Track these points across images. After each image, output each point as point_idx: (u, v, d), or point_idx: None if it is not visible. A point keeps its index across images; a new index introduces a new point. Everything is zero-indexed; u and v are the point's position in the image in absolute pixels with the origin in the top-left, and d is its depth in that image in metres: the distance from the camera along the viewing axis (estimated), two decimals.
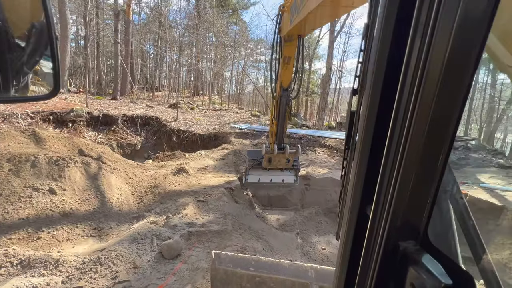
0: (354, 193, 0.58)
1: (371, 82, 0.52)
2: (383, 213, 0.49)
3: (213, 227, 4.77)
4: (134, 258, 3.74)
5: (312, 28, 4.74)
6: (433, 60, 0.40)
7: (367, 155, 0.55)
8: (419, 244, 0.47)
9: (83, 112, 11.50)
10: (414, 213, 0.47)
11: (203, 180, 7.57)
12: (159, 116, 13.30)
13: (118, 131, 11.90)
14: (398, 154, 0.46)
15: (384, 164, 0.49)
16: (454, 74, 0.40)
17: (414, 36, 0.44)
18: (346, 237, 0.61)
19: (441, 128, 0.43)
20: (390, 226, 0.48)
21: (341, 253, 0.63)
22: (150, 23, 29.02)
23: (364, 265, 0.55)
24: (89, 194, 5.35)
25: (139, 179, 6.81)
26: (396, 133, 0.47)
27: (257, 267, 2.33)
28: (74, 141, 7.44)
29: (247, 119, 16.00)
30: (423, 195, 0.46)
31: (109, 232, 4.76)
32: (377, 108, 0.52)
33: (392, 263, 0.48)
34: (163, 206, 5.80)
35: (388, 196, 0.48)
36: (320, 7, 2.54)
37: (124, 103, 15.64)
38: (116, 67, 17.39)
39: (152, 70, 29.46)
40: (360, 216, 0.58)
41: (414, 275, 0.43)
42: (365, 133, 0.55)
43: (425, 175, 0.45)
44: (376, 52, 0.52)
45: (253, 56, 34.02)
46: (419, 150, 0.44)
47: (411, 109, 0.43)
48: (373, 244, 0.52)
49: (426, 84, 0.41)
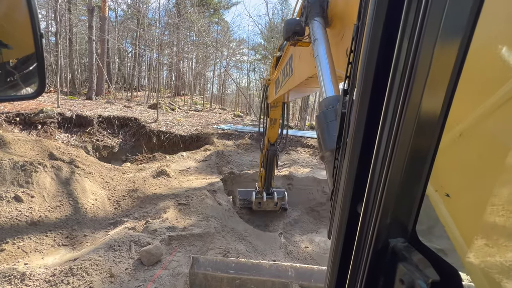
0: (345, 192, 0.59)
1: (361, 83, 0.53)
2: (373, 212, 0.50)
3: (195, 230, 4.67)
4: (110, 266, 3.55)
5: (295, 97, 5.00)
6: (421, 61, 0.41)
7: (358, 155, 0.56)
8: (408, 241, 0.48)
9: (54, 113, 10.81)
10: (403, 211, 0.48)
11: (185, 182, 7.40)
12: (138, 117, 12.84)
13: (93, 133, 11.32)
14: (387, 153, 0.47)
15: (374, 163, 0.50)
16: (441, 74, 0.41)
17: (402, 37, 0.44)
18: (337, 236, 0.62)
19: (428, 128, 0.44)
20: (380, 224, 0.49)
21: (333, 251, 0.64)
22: (128, 21, 27.94)
23: (356, 262, 0.56)
24: (60, 200, 5.02)
25: (117, 183, 6.51)
26: (385, 133, 0.48)
27: (237, 269, 2.30)
28: (44, 144, 6.96)
29: (230, 119, 15.89)
30: (412, 193, 0.47)
31: (83, 240, 4.49)
32: (367, 108, 0.53)
33: (382, 259, 0.50)
34: (142, 210, 5.58)
35: (378, 194, 0.49)
36: (298, 86, 2.78)
37: (100, 104, 14.92)
38: (91, 65, 16.53)
39: (131, 69, 28.36)
40: (351, 214, 0.59)
41: (403, 271, 0.44)
42: (355, 133, 0.55)
43: (413, 174, 0.46)
44: (365, 53, 0.52)
45: (235, 57, 33.91)
46: (408, 149, 0.45)
47: (399, 109, 0.44)
48: (364, 242, 0.53)
49: (414, 84, 0.42)
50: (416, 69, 0.42)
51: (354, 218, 0.58)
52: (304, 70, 2.34)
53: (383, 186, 0.48)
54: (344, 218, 0.60)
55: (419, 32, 0.41)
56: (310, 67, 2.04)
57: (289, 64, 2.99)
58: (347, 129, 0.72)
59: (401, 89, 0.44)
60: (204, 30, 23.24)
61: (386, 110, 0.48)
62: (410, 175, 0.46)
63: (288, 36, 1.73)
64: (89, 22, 16.53)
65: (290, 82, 2.99)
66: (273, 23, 24.68)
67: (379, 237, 0.49)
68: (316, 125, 1.09)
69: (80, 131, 11.15)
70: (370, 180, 0.51)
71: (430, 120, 0.44)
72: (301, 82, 2.47)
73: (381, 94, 0.49)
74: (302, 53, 2.35)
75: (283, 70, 3.40)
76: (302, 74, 2.39)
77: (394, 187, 0.47)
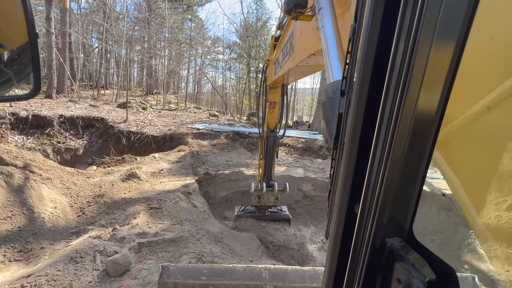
0: (342, 192, 0.60)
1: (358, 84, 0.54)
2: (371, 211, 0.51)
3: (168, 235, 4.45)
4: (71, 281, 3.24)
5: (295, 79, 4.94)
6: (417, 61, 0.42)
7: (355, 155, 0.57)
8: (404, 240, 0.49)
9: (6, 112, 9.72)
10: (400, 211, 0.49)
11: (158, 185, 7.05)
12: (106, 117, 12.02)
13: (54, 134, 10.36)
14: (384, 153, 0.48)
15: (371, 164, 0.51)
16: (437, 75, 0.41)
17: (398, 38, 0.45)
18: (335, 236, 0.63)
19: (424, 128, 0.44)
20: (377, 224, 0.49)
21: (331, 251, 0.65)
22: (93, 14, 26.09)
23: (353, 262, 0.57)
24: (11, 210, 4.49)
25: (80, 189, 6.01)
26: (382, 133, 0.48)
27: (209, 275, 2.21)
28: None
29: (205, 119, 15.54)
30: (408, 193, 0.48)
31: (39, 254, 4.06)
32: (364, 108, 0.54)
33: (379, 259, 0.50)
34: (109, 217, 5.21)
35: (375, 194, 0.50)
36: (297, 67, 2.69)
37: (61, 102, 13.74)
38: (50, 61, 15.12)
39: (97, 66, 26.51)
40: (348, 214, 0.60)
41: (400, 271, 0.45)
42: (352, 133, 0.56)
43: (410, 174, 0.47)
44: (362, 53, 0.53)
45: (210, 55, 33.32)
46: (404, 149, 0.45)
47: (396, 110, 0.45)
48: (361, 241, 0.54)
49: (411, 84, 0.43)
50: (412, 69, 0.42)
51: (351, 218, 0.59)
52: (305, 47, 2.22)
53: (380, 186, 0.48)
54: (341, 218, 0.61)
55: (415, 33, 0.42)
56: (313, 43, 1.93)
57: (290, 42, 2.86)
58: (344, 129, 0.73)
59: (397, 90, 0.45)
60: (177, 26, 22.48)
61: (383, 111, 0.48)
62: (406, 175, 0.47)
63: (289, 8, 1.60)
64: (47, 13, 15.08)
65: (291, 61, 2.88)
66: (248, 22, 24.64)
67: (376, 236, 0.50)
68: (322, 113, 1.00)
69: (37, 133, 10.14)
70: (367, 180, 0.52)
71: (426, 120, 0.44)
72: (302, 60, 2.35)
73: (378, 94, 0.50)
74: (304, 29, 2.22)
75: (283, 49, 3.25)
76: (304, 52, 2.27)
77: (391, 187, 0.47)
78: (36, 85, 1.34)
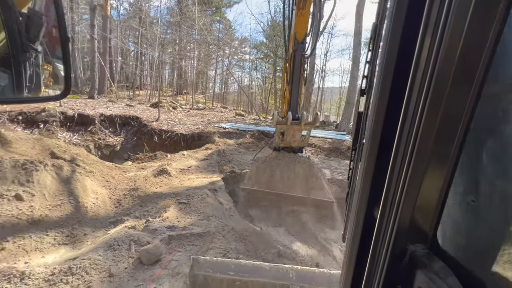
0: (361, 194, 0.58)
1: (379, 83, 0.52)
2: (391, 215, 0.49)
3: (195, 229, 4.63)
4: (109, 266, 3.53)
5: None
6: (444, 60, 0.39)
7: (375, 156, 0.55)
8: (428, 247, 0.46)
9: (56, 111, 10.85)
10: (423, 216, 0.46)
11: (186, 181, 7.37)
12: (140, 116, 12.84)
13: (95, 131, 11.34)
14: (406, 155, 0.45)
15: (392, 166, 0.49)
16: (465, 74, 0.39)
17: (424, 36, 0.43)
18: (352, 239, 0.61)
19: (451, 130, 0.42)
20: (398, 229, 0.47)
21: (348, 255, 0.63)
22: (130, 19, 27.96)
23: (371, 268, 0.55)
24: (61, 199, 5.02)
25: (117, 182, 6.51)
26: (405, 134, 0.46)
27: (237, 270, 2.26)
28: (45, 142, 6.97)
29: (231, 118, 15.84)
30: (433, 197, 0.45)
31: (83, 239, 4.48)
32: (385, 108, 0.52)
33: (399, 266, 0.48)
34: (142, 209, 5.57)
35: (396, 198, 0.48)
36: None
37: (102, 102, 14.96)
38: (93, 64, 16.56)
39: (133, 68, 28.41)
40: (367, 218, 0.58)
41: (423, 279, 0.43)
42: (372, 134, 0.54)
43: (435, 177, 0.44)
44: (384, 52, 0.51)
45: (237, 55, 33.83)
46: (429, 151, 0.43)
47: (420, 110, 0.43)
48: (380, 247, 0.52)
49: (436, 84, 0.41)
50: (438, 68, 0.40)
51: (370, 222, 0.56)
52: None
53: (401, 189, 0.46)
54: (359, 222, 0.59)
55: (442, 30, 0.39)
56: None
57: None
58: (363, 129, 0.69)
59: (422, 89, 0.43)
60: (206, 28, 23.18)
61: (406, 111, 0.46)
62: (431, 178, 0.44)
63: None
64: (91, 20, 16.54)
65: None
66: (275, 21, 24.53)
67: (396, 242, 0.47)
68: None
69: (82, 130, 11.18)
70: (388, 183, 0.50)
71: (454, 121, 0.41)
72: None
73: (400, 93, 0.47)
74: None
75: None
76: None
77: (413, 190, 0.45)
78: (67, 87, 1.37)
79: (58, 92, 1.43)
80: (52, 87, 1.46)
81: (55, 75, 1.42)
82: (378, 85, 0.53)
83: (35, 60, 1.23)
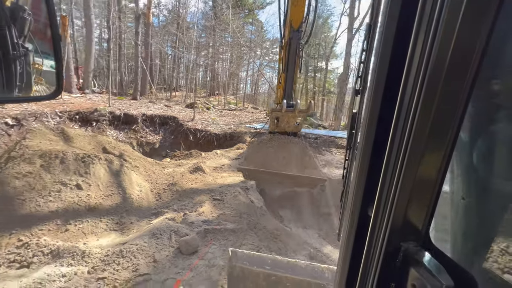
0: (355, 193, 0.58)
1: (373, 83, 0.52)
2: (385, 214, 0.49)
3: (229, 225, 4.84)
4: (154, 252, 3.88)
5: None
6: (436, 60, 0.40)
7: (369, 156, 0.55)
8: (420, 244, 0.47)
9: (106, 111, 12.05)
10: (416, 214, 0.47)
11: (219, 179, 7.68)
12: (177, 116, 13.65)
13: (138, 130, 12.35)
14: (400, 154, 0.46)
15: (386, 165, 0.49)
16: (457, 74, 0.40)
17: (416, 36, 0.43)
18: (347, 238, 0.62)
19: (443, 129, 0.42)
20: (392, 227, 0.48)
21: (343, 254, 0.63)
22: (169, 25, 29.81)
23: (366, 266, 0.55)
24: (111, 190, 5.61)
25: (158, 177, 7.04)
26: (398, 134, 0.47)
27: (273, 266, 2.34)
28: (98, 139, 7.82)
29: (262, 119, 16.00)
30: (425, 195, 0.46)
31: (130, 227, 4.96)
32: (379, 108, 0.52)
33: (393, 264, 0.49)
34: (180, 203, 5.96)
35: (389, 196, 0.48)
36: None
37: (143, 103, 16.21)
38: (137, 68, 18.05)
39: (170, 70, 30.27)
40: (361, 216, 0.58)
41: (415, 276, 0.43)
42: (366, 133, 0.55)
43: (427, 176, 0.45)
44: (378, 52, 0.51)
45: (268, 56, 33.99)
46: (421, 150, 0.44)
47: (413, 110, 0.43)
48: (374, 245, 0.52)
49: (429, 84, 0.41)
50: (431, 69, 0.40)
51: (364, 220, 0.57)
52: None
53: (395, 188, 0.47)
54: (354, 220, 0.59)
55: (435, 30, 0.40)
56: None
57: None
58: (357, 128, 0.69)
59: (414, 89, 0.43)
60: (239, 31, 23.75)
61: (399, 110, 0.46)
62: (423, 176, 0.45)
63: None
64: (136, 28, 18.05)
65: None
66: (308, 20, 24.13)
67: (390, 240, 0.48)
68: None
69: (127, 128, 12.26)
70: (382, 181, 0.50)
71: (445, 121, 0.42)
72: None
73: (394, 93, 0.48)
74: None
75: None
76: None
77: (406, 189, 0.46)
78: (59, 86, 1.33)
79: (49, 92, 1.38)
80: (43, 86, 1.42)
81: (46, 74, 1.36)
82: (372, 85, 0.53)
83: (25, 59, 1.20)
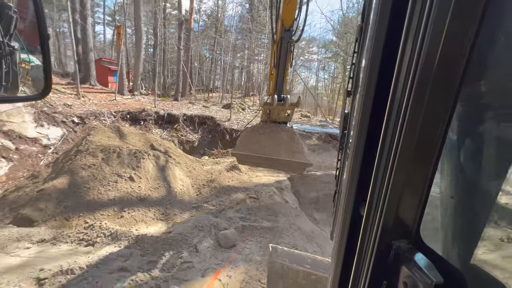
0: (348, 193, 0.59)
1: (365, 84, 0.53)
2: (376, 213, 0.50)
3: (265, 223, 4.95)
4: (196, 243, 4.17)
5: None
6: (426, 62, 0.41)
7: (361, 156, 0.56)
8: (411, 243, 0.48)
9: (152, 111, 13.15)
10: (407, 213, 0.48)
11: (254, 178, 7.87)
12: (214, 116, 14.27)
13: (179, 129, 13.23)
14: (391, 154, 0.47)
15: (377, 165, 0.50)
16: (446, 75, 0.41)
17: (406, 38, 0.44)
18: (340, 237, 0.63)
19: (433, 129, 0.43)
20: (383, 226, 0.49)
21: (336, 253, 0.64)
22: (207, 29, 31.25)
23: (358, 264, 0.56)
24: (158, 183, 6.14)
25: (198, 173, 7.49)
26: (389, 134, 0.48)
27: (313, 265, 2.37)
28: (147, 136, 8.60)
29: (297, 119, 15.86)
30: (415, 194, 0.47)
31: (174, 218, 5.39)
32: (370, 109, 0.53)
33: (385, 262, 0.49)
34: (218, 199, 6.26)
35: (381, 196, 0.49)
36: None
37: (184, 104, 17.27)
38: (178, 71, 19.31)
39: (208, 72, 31.71)
40: (354, 216, 0.59)
41: (407, 274, 0.44)
42: (358, 133, 0.55)
43: (417, 175, 0.46)
44: (369, 53, 0.52)
45: (304, 56, 33.47)
46: (412, 150, 0.45)
47: (403, 110, 0.44)
48: (366, 243, 0.53)
49: (419, 85, 0.42)
50: (420, 69, 0.41)
51: (357, 219, 0.58)
52: None
53: (386, 187, 0.48)
54: (347, 220, 0.60)
55: (424, 32, 0.40)
56: None
57: None
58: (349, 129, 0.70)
59: (405, 90, 0.44)
60: None
61: (390, 111, 0.47)
62: (414, 176, 0.46)
63: None
64: (179, 34, 19.33)
65: None
66: (347, 17, 23.21)
67: (382, 238, 0.49)
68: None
69: (169, 127, 13.22)
70: (373, 181, 0.51)
71: (435, 120, 0.43)
72: None
73: (385, 94, 0.48)
74: None
75: None
76: None
77: (397, 188, 0.46)
78: (47, 86, 1.29)
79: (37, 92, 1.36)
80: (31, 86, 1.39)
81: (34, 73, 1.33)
82: (363, 86, 0.53)
83: (11, 58, 1.17)
